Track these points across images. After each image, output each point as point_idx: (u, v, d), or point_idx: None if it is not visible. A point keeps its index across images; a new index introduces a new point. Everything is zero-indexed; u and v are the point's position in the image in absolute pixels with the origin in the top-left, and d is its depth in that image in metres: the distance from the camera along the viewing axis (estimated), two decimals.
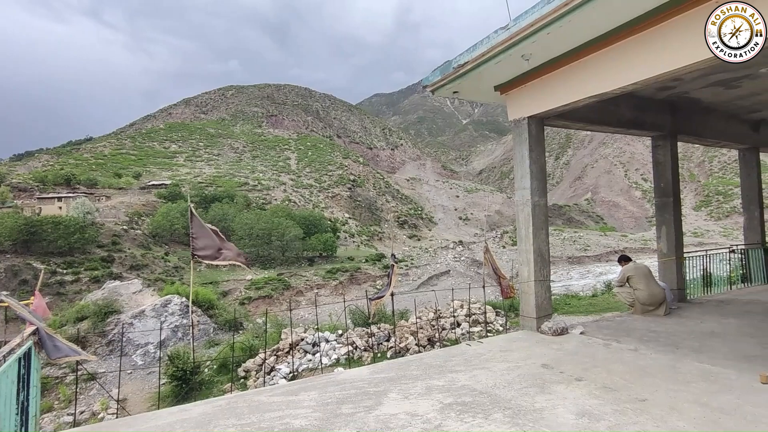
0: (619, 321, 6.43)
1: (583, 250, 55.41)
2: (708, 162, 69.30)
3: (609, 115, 6.65)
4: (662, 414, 3.27)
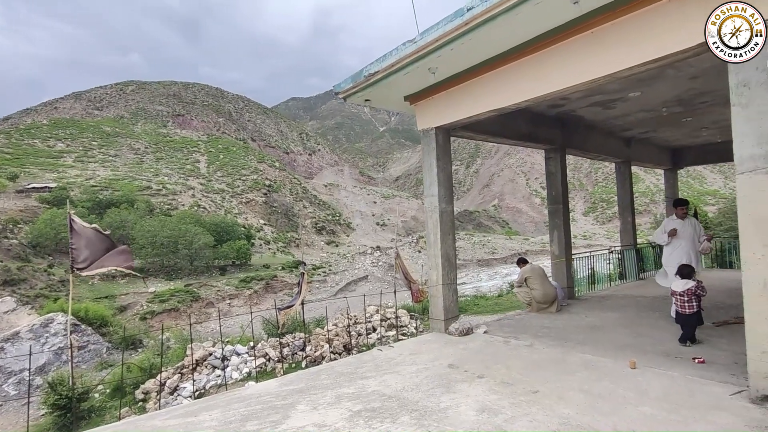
0: (518, 319, 6.95)
1: (491, 253, 58.93)
2: (594, 173, 77.78)
3: (508, 129, 7.19)
4: (551, 403, 3.57)
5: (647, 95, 7.00)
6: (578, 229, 67.21)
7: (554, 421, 3.25)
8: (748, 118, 3.32)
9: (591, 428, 3.11)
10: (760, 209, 3.26)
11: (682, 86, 6.60)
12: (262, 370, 9.24)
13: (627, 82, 6.06)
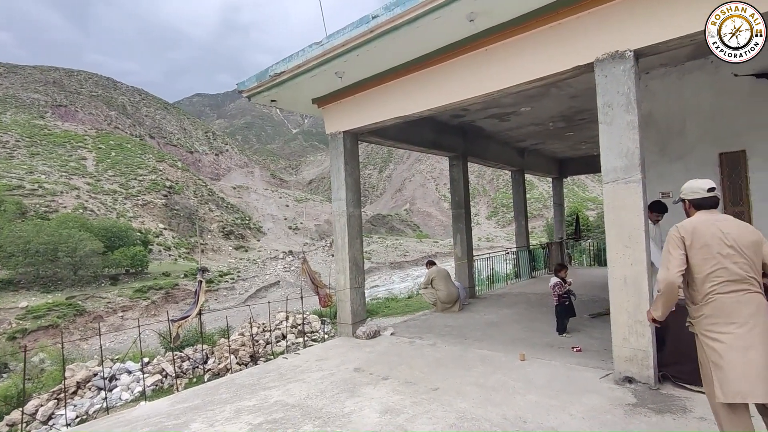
0: (424, 319, 7.21)
1: (403, 255, 60.42)
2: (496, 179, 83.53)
3: (414, 136, 7.46)
4: (450, 399, 3.74)
5: (536, 110, 7.72)
6: (482, 232, 71.91)
7: (452, 416, 3.41)
8: (611, 134, 3.81)
9: (484, 419, 3.31)
10: (621, 215, 3.75)
11: (565, 104, 7.38)
12: (157, 389, 8.46)
13: (518, 97, 6.62)
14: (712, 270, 2.31)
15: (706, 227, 2.39)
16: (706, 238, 2.35)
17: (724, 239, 2.33)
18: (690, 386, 3.63)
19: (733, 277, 2.27)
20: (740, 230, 2.36)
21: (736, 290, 2.26)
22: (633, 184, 3.69)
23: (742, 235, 2.34)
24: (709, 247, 2.33)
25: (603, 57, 3.82)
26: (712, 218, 2.45)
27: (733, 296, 2.25)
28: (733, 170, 5.58)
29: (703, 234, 2.37)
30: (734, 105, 5.50)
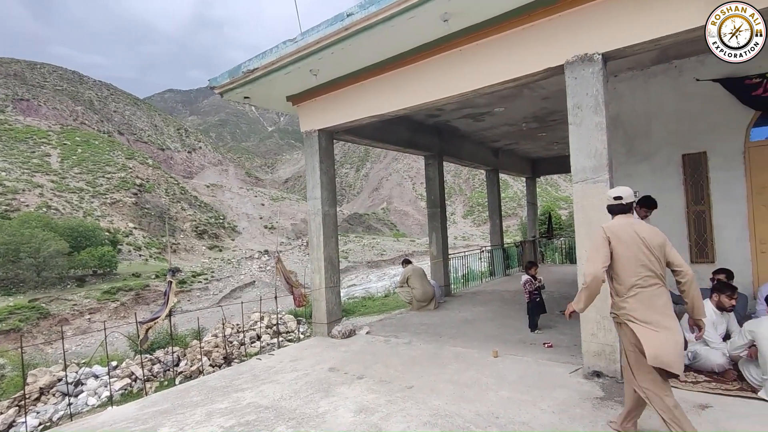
0: (400, 318, 7.24)
1: (380, 254, 60.46)
2: (472, 179, 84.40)
3: (390, 135, 7.47)
4: (424, 397, 3.76)
5: (510, 111, 7.84)
6: (458, 230, 72.71)
7: (426, 413, 3.43)
8: (581, 135, 3.90)
9: (457, 416, 3.34)
10: (589, 213, 3.85)
11: (537, 105, 7.53)
12: (126, 393, 8.21)
13: (492, 98, 6.72)
14: (635, 267, 2.65)
15: (625, 230, 2.73)
16: (627, 240, 2.69)
17: (640, 241, 2.67)
18: None
19: (650, 274, 2.63)
20: (650, 233, 2.72)
21: (653, 284, 2.63)
22: (601, 183, 3.79)
23: (652, 237, 2.70)
24: (630, 247, 2.67)
25: (573, 59, 3.91)
26: (629, 222, 2.79)
27: (651, 290, 2.63)
28: (695, 170, 5.81)
29: (624, 236, 2.70)
30: (696, 108, 5.73)
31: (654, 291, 2.62)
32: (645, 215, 4.87)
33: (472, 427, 3.16)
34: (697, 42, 5.18)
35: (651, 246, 2.65)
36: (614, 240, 2.70)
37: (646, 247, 2.65)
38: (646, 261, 2.63)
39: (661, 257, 2.67)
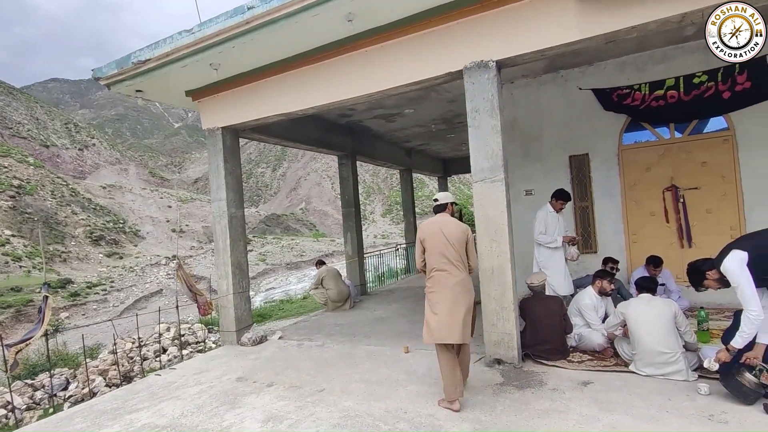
0: (314, 320, 7.13)
1: (300, 255, 59.26)
2: (390, 178, 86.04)
3: (301, 134, 7.32)
4: (335, 399, 3.73)
5: (419, 113, 8.10)
6: (378, 229, 73.74)
7: (336, 415, 3.40)
8: (479, 137, 4.13)
9: (367, 415, 3.36)
10: (488, 211, 4.09)
11: (444, 107, 7.86)
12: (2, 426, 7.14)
13: (401, 99, 6.88)
14: (437, 256, 3.39)
15: (431, 227, 3.48)
16: (432, 235, 3.43)
17: (442, 236, 3.39)
18: (546, 362, 4.11)
19: (446, 261, 3.36)
20: (454, 229, 3.43)
21: (446, 270, 3.36)
22: (497, 183, 4.04)
23: (454, 233, 3.40)
24: (434, 241, 3.41)
25: (470, 65, 4.12)
26: (438, 220, 3.52)
27: (443, 273, 3.36)
28: (580, 170, 6.45)
29: (430, 232, 3.46)
30: (579, 114, 6.37)
31: (446, 274, 3.36)
32: (561, 207, 5.21)
33: (381, 424, 3.19)
34: (579, 54, 5.76)
35: (451, 240, 3.38)
36: (423, 236, 3.48)
37: (447, 241, 3.37)
38: (445, 251, 3.37)
39: (461, 250, 3.41)
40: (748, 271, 2.84)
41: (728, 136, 5.69)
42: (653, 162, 6.09)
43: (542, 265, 5.16)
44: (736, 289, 2.88)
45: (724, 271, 2.94)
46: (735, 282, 2.88)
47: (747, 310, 2.84)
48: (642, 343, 3.63)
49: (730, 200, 5.69)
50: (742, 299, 2.85)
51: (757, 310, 2.80)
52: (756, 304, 2.80)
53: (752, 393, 2.94)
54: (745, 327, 2.86)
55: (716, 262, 3.05)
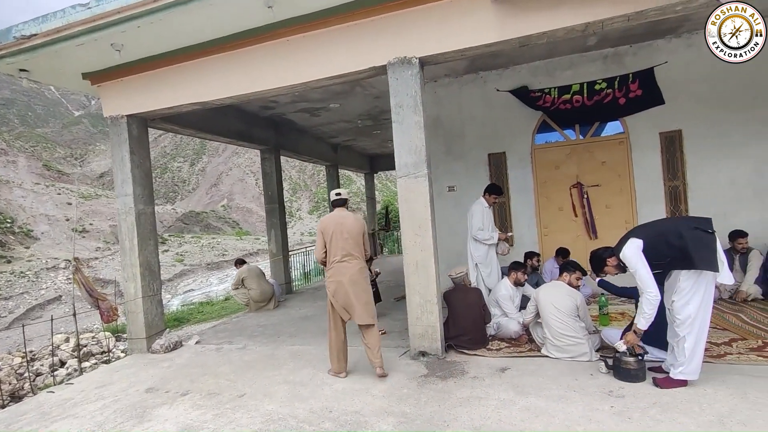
0: (236, 321, 6.79)
1: (221, 255, 56.42)
2: (317, 174, 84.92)
3: (219, 125, 6.91)
4: (256, 403, 3.55)
5: (345, 108, 8.02)
6: (305, 226, 72.45)
7: (258, 420, 3.24)
8: (403, 133, 4.16)
9: (291, 417, 3.24)
10: (412, 206, 4.14)
11: (370, 103, 7.86)
12: None
13: (326, 93, 6.76)
14: (336, 248, 3.78)
15: (332, 220, 3.85)
16: (332, 228, 3.80)
17: (341, 228, 3.78)
18: (467, 351, 4.26)
19: (346, 252, 3.77)
20: (352, 223, 3.82)
21: (346, 260, 3.77)
22: (421, 178, 4.11)
23: (353, 225, 3.81)
24: (334, 233, 3.78)
25: (394, 61, 4.13)
26: (337, 214, 3.91)
27: (344, 263, 3.77)
28: (498, 168, 6.79)
29: (330, 225, 3.82)
30: (497, 114, 6.69)
31: (347, 264, 3.78)
32: (494, 202, 5.33)
33: (305, 426, 3.09)
34: (497, 57, 6.04)
35: (351, 233, 3.78)
36: (324, 228, 3.83)
37: (347, 233, 3.77)
38: (345, 243, 3.77)
39: (359, 240, 3.84)
40: (644, 257, 3.12)
41: (623, 138, 6.31)
42: (561, 161, 6.58)
43: (479, 261, 5.22)
44: (635, 274, 3.14)
45: (623, 257, 3.20)
46: (633, 267, 3.14)
47: (645, 293, 3.11)
48: (551, 328, 3.89)
49: (625, 196, 6.32)
50: (640, 282, 3.12)
51: (655, 291, 3.08)
52: (653, 286, 3.08)
53: (639, 372, 3.29)
54: (646, 308, 3.14)
55: (615, 250, 3.33)
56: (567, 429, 2.73)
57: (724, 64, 5.67)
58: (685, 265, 3.06)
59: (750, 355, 3.64)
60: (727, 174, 5.84)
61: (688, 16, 5.07)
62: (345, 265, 3.76)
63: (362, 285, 3.79)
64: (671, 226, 3.29)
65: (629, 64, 6.08)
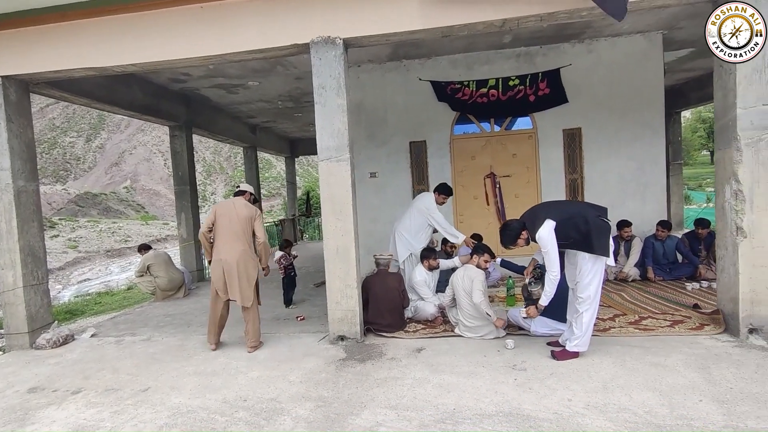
0: (140, 312, 6.28)
1: (123, 241, 51.75)
2: (234, 157, 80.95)
3: (120, 96, 6.24)
4: (162, 397, 3.31)
5: (265, 87, 7.66)
6: None
7: (164, 415, 3.02)
8: (325, 115, 4.07)
9: (201, 409, 3.07)
10: (333, 190, 4.09)
11: (291, 84, 7.59)
12: None
13: (244, 69, 6.39)
14: (223, 229, 4.08)
15: (225, 204, 4.22)
16: (222, 211, 4.12)
17: (230, 212, 4.10)
18: (386, 334, 4.35)
19: (229, 234, 4.06)
20: (241, 208, 4.14)
21: (228, 242, 4.05)
22: (343, 162, 4.06)
23: (241, 210, 4.12)
24: (224, 217, 4.09)
25: (318, 40, 4.00)
26: (231, 200, 4.27)
27: (226, 244, 4.05)
28: (418, 156, 6.95)
29: (222, 208, 4.16)
30: (419, 103, 6.83)
31: (229, 245, 4.05)
32: (443, 201, 5.28)
33: (217, 417, 2.95)
34: (420, 47, 6.14)
35: (240, 217, 4.07)
36: (216, 211, 4.15)
37: (236, 218, 4.07)
38: (230, 226, 4.06)
39: (247, 227, 4.11)
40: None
41: (532, 133, 6.79)
42: (477, 152, 6.92)
43: (417, 253, 5.19)
44: (545, 254, 3.35)
45: (539, 238, 3.36)
46: (545, 248, 3.34)
47: (549, 272, 3.37)
48: (462, 309, 4.11)
49: (532, 187, 6.83)
50: (548, 262, 3.36)
51: (557, 271, 3.35)
52: (557, 267, 3.34)
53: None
54: (548, 287, 3.42)
55: (528, 227, 3.52)
56: (475, 401, 2.90)
57: (618, 71, 6.41)
58: (584, 248, 3.36)
59: (629, 328, 4.15)
60: (616, 170, 6.56)
61: (591, 23, 5.57)
62: (228, 247, 4.03)
63: (242, 268, 4.03)
64: (578, 211, 3.52)
65: (539, 64, 6.53)
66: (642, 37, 6.30)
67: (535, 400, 2.89)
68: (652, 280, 5.91)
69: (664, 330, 4.03)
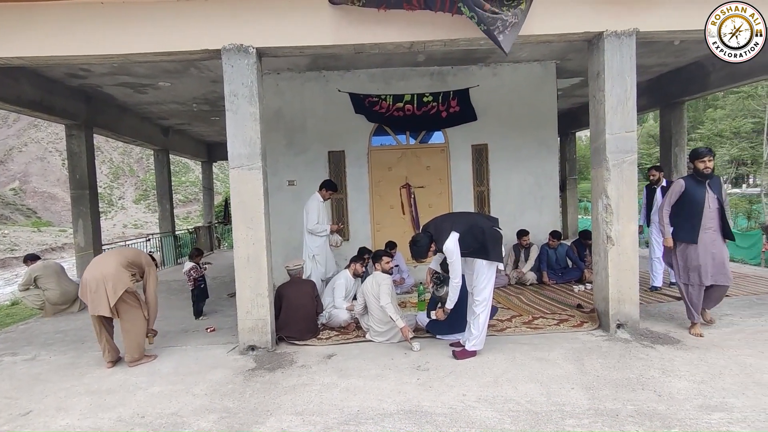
0: (24, 329, 5.67)
1: (10, 250, 45.77)
2: (146, 159, 75.16)
3: (7, 89, 5.63)
4: (47, 420, 3.05)
5: (178, 88, 7.33)
6: (129, 217, 63.24)
7: None
8: (237, 123, 4.04)
9: (93, 429, 2.89)
10: (245, 198, 4.06)
11: (207, 87, 7.35)
12: None
13: (153, 69, 6.09)
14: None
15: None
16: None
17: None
18: (298, 342, 4.37)
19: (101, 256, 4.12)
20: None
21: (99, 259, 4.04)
22: (255, 170, 4.05)
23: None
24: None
25: (229, 47, 3.98)
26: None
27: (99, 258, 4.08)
28: (337, 165, 7.08)
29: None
30: (338, 113, 6.96)
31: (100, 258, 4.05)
32: (328, 197, 5.50)
33: None
34: (338, 59, 6.28)
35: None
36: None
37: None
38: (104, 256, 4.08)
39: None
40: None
41: (444, 147, 7.23)
42: (393, 163, 7.21)
43: (316, 253, 5.43)
44: (450, 264, 3.63)
45: (446, 249, 3.62)
46: (451, 258, 3.62)
47: (453, 279, 3.66)
48: (372, 315, 4.28)
49: (444, 198, 7.25)
50: (452, 271, 3.64)
51: (459, 279, 3.66)
52: (459, 275, 3.64)
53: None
54: (452, 293, 3.71)
55: (435, 238, 3.76)
56: (379, 402, 3.05)
57: (519, 94, 7.06)
58: (482, 256, 3.70)
59: (522, 327, 4.59)
60: (517, 183, 7.19)
61: (494, 50, 6.09)
62: (99, 258, 4.03)
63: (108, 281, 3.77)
64: (475, 222, 3.84)
65: (450, 83, 6.99)
66: (539, 64, 7.03)
67: (433, 397, 3.10)
68: (547, 283, 6.55)
69: (551, 328, 4.51)
